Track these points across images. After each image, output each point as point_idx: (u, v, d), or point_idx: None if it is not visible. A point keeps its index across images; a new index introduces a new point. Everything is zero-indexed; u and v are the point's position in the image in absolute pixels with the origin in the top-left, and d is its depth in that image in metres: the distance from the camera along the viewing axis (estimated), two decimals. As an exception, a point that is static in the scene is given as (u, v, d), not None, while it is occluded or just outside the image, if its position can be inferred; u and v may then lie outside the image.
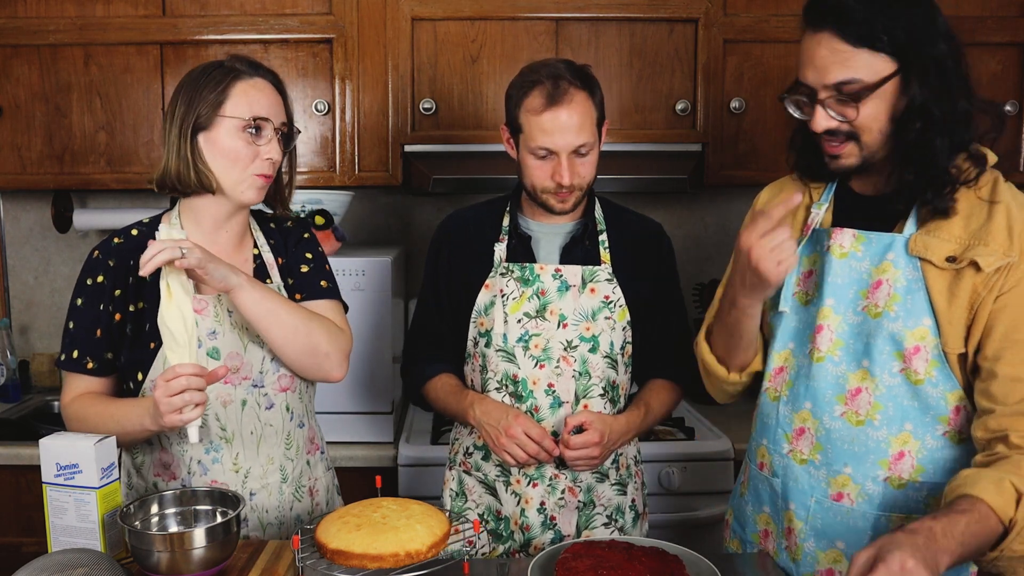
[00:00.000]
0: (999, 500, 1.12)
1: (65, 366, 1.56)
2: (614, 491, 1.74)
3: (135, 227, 1.60)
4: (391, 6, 2.37)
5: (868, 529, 1.34)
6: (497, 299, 1.70)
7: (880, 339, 1.30)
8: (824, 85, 1.27)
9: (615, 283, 1.71)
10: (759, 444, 1.50)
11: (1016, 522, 1.11)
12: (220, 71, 1.50)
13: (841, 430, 1.35)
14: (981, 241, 1.25)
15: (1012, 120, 2.44)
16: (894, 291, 1.29)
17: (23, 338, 2.83)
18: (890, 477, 1.32)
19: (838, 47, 1.23)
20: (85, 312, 1.54)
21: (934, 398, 1.29)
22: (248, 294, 1.48)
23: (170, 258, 1.37)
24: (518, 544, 1.73)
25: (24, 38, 2.36)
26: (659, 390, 1.77)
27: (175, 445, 1.55)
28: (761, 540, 1.52)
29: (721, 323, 1.48)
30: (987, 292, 1.24)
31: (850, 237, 1.35)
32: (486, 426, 1.66)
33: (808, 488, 1.39)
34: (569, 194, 1.65)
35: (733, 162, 2.46)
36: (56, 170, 2.43)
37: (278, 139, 1.52)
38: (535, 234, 1.74)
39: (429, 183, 2.31)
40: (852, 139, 1.30)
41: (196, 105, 1.48)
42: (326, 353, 1.56)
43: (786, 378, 1.43)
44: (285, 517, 1.62)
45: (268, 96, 1.51)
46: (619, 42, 2.41)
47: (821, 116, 1.28)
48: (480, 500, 1.76)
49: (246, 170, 1.50)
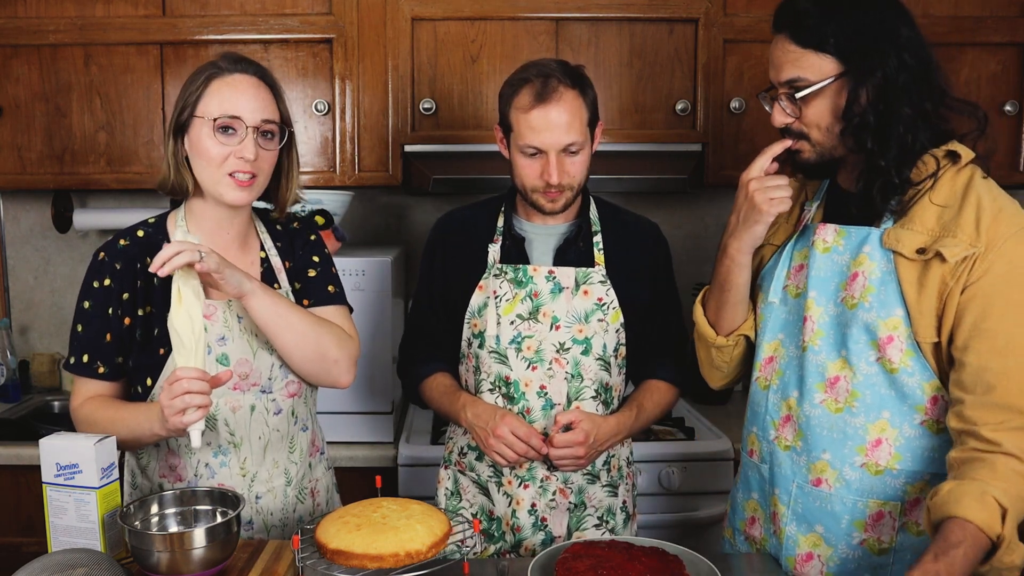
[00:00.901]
0: (985, 517, 1.14)
1: (75, 370, 1.55)
2: (605, 492, 1.74)
3: (140, 227, 1.58)
4: (391, 6, 2.37)
5: (846, 514, 1.37)
6: (490, 300, 1.70)
7: (856, 329, 1.35)
8: (779, 82, 1.37)
9: (608, 285, 1.70)
10: (749, 432, 1.55)
11: (1004, 537, 1.13)
12: (205, 69, 1.49)
13: (821, 417, 1.39)
14: (950, 233, 1.29)
15: (1012, 120, 2.45)
16: (868, 283, 1.34)
17: (23, 338, 2.83)
18: (867, 464, 1.36)
19: (789, 48, 1.34)
20: (93, 315, 1.52)
21: (910, 387, 1.33)
22: (260, 300, 1.47)
23: (188, 261, 1.36)
24: (509, 545, 1.73)
25: (24, 38, 2.36)
26: (654, 391, 1.77)
27: (183, 447, 1.55)
28: (747, 527, 1.55)
29: (714, 281, 1.54)
30: (954, 282, 1.27)
31: (832, 232, 1.41)
32: (476, 428, 1.66)
33: (791, 473, 1.43)
34: (559, 194, 1.64)
35: (733, 162, 2.46)
36: (56, 170, 2.43)
37: (255, 138, 1.47)
38: (529, 235, 1.74)
39: (429, 183, 2.31)
40: (803, 136, 1.38)
41: (179, 107, 1.49)
42: (335, 359, 1.57)
43: (776, 367, 1.48)
44: (288, 519, 1.62)
45: (245, 93, 1.47)
46: (619, 42, 2.41)
47: (777, 111, 1.39)
48: (474, 500, 1.76)
49: (219, 169, 1.47)
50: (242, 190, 1.48)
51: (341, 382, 1.60)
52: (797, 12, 1.32)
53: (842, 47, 1.30)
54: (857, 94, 1.31)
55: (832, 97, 1.33)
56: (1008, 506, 1.14)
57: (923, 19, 2.36)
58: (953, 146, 1.34)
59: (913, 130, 1.31)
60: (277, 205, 1.62)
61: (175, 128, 1.49)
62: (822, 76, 1.32)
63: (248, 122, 1.46)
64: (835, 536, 1.39)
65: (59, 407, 2.66)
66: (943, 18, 2.40)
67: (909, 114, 1.30)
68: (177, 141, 1.50)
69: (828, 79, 1.32)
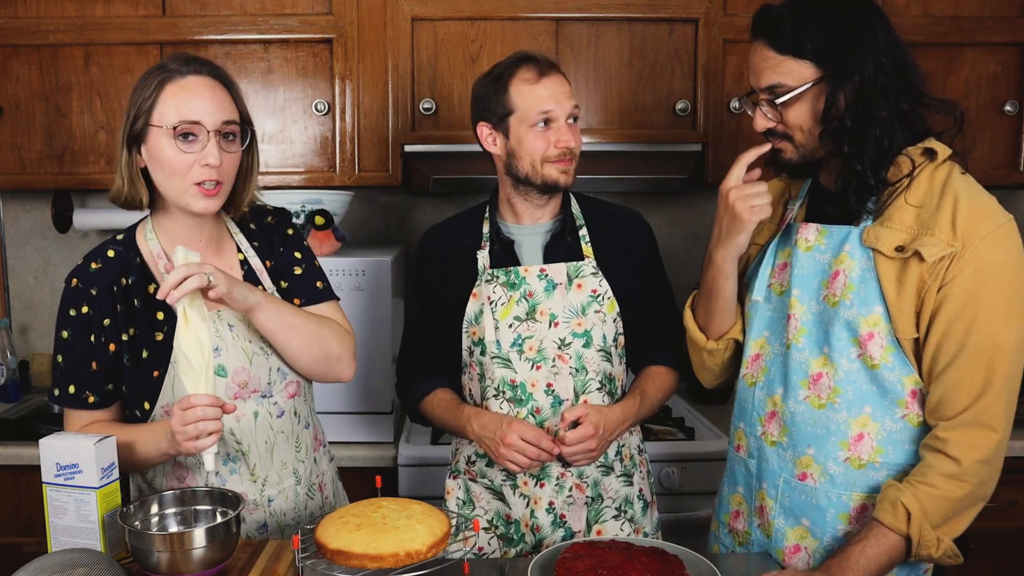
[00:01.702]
0: (891, 519, 1.29)
1: (62, 402, 1.50)
2: (621, 483, 1.74)
3: (110, 247, 1.53)
4: (391, 6, 2.37)
5: (831, 507, 1.41)
6: (486, 307, 1.70)
7: (837, 326, 1.38)
8: (759, 88, 1.40)
9: (600, 276, 1.71)
10: (737, 427, 1.58)
11: (912, 536, 1.28)
12: (156, 74, 1.41)
13: (804, 413, 1.42)
14: (928, 231, 1.31)
15: (1012, 120, 2.45)
16: (849, 280, 1.37)
17: (23, 338, 2.83)
18: (850, 458, 1.39)
19: (768, 54, 1.36)
20: (74, 345, 1.48)
21: (891, 382, 1.36)
22: (266, 312, 1.46)
23: (198, 286, 1.33)
24: (530, 546, 1.72)
25: (24, 38, 2.36)
26: (654, 376, 1.77)
27: (190, 457, 1.52)
28: (731, 520, 1.59)
29: (702, 288, 1.57)
30: (932, 281, 1.30)
31: (814, 231, 1.44)
32: (485, 440, 1.66)
33: (778, 468, 1.47)
34: (570, 162, 1.67)
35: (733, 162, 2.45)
36: (56, 170, 2.43)
37: (218, 141, 1.41)
38: (516, 237, 1.74)
39: (429, 183, 2.31)
40: (786, 138, 1.41)
41: (131, 115, 1.42)
42: (338, 356, 1.57)
43: (762, 364, 1.51)
44: (301, 517, 1.62)
45: (201, 95, 1.40)
46: (619, 42, 2.41)
47: (758, 116, 1.42)
48: (488, 506, 1.75)
49: (185, 179, 1.40)
50: (210, 199, 1.43)
51: (344, 377, 1.61)
52: (774, 19, 1.35)
53: (820, 52, 1.33)
54: (835, 98, 1.33)
55: (812, 101, 1.36)
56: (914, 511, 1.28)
57: (923, 19, 2.39)
58: (930, 143, 1.36)
59: (890, 132, 1.33)
60: (233, 206, 1.54)
61: (128, 139, 1.42)
62: (801, 81, 1.34)
63: (208, 126, 1.40)
64: (821, 529, 1.42)
65: (59, 407, 2.66)
66: (943, 18, 2.40)
67: (886, 117, 1.32)
68: (131, 152, 1.43)
69: (807, 84, 1.34)
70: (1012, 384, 1.31)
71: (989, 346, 1.28)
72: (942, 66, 2.42)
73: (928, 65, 2.36)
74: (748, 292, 1.55)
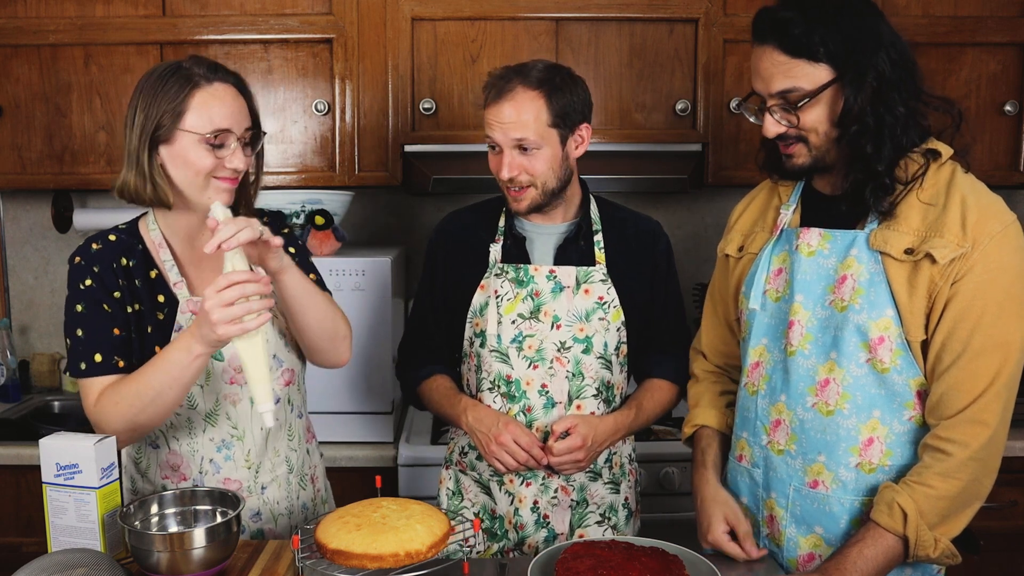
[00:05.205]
0: (887, 520, 1.30)
1: (91, 372, 1.44)
2: (607, 489, 1.75)
3: (112, 232, 1.54)
4: (391, 6, 2.37)
5: (844, 514, 1.40)
6: (491, 300, 1.71)
7: (847, 331, 1.36)
8: (770, 94, 1.36)
9: (609, 284, 1.71)
10: (739, 437, 1.56)
11: (909, 536, 1.29)
12: (178, 77, 1.43)
13: (813, 420, 1.41)
14: (937, 233, 1.31)
15: (1012, 120, 2.45)
16: (858, 285, 1.36)
17: (23, 338, 2.83)
18: (861, 463, 1.38)
19: (779, 59, 1.32)
20: (91, 315, 1.47)
21: (899, 385, 1.35)
22: (294, 275, 1.46)
23: (251, 238, 1.32)
24: (512, 543, 1.73)
25: (24, 38, 2.36)
26: (655, 390, 1.77)
27: (184, 445, 1.54)
28: None
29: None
30: (943, 282, 1.30)
31: (817, 236, 1.42)
32: (478, 433, 1.66)
33: (787, 477, 1.45)
34: (520, 192, 1.65)
35: (733, 162, 2.46)
36: (56, 170, 2.43)
37: (242, 146, 1.46)
38: (530, 235, 1.75)
39: (429, 183, 2.31)
40: (801, 141, 1.38)
41: (154, 116, 1.42)
42: (344, 336, 1.59)
43: (763, 372, 1.49)
44: (293, 506, 1.63)
45: (229, 103, 1.45)
46: (619, 42, 2.41)
47: (770, 122, 1.38)
48: (476, 499, 1.76)
49: (206, 177, 1.44)
50: (227, 192, 1.46)
51: (343, 359, 1.62)
52: (782, 22, 1.31)
53: (833, 53, 1.30)
54: (855, 99, 1.31)
55: (828, 103, 1.33)
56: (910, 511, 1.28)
57: (923, 19, 2.39)
58: (932, 144, 1.36)
59: (907, 129, 1.32)
60: (241, 206, 1.57)
61: (152, 139, 1.42)
62: (816, 84, 1.31)
63: (236, 134, 1.45)
64: (835, 536, 1.40)
65: (59, 407, 2.67)
66: (943, 18, 2.40)
67: (903, 112, 1.31)
68: (152, 152, 1.44)
69: (822, 86, 1.32)
70: (1013, 383, 1.31)
71: (995, 345, 1.28)
72: (942, 66, 2.42)
73: (928, 65, 2.36)
74: (745, 300, 1.53)
